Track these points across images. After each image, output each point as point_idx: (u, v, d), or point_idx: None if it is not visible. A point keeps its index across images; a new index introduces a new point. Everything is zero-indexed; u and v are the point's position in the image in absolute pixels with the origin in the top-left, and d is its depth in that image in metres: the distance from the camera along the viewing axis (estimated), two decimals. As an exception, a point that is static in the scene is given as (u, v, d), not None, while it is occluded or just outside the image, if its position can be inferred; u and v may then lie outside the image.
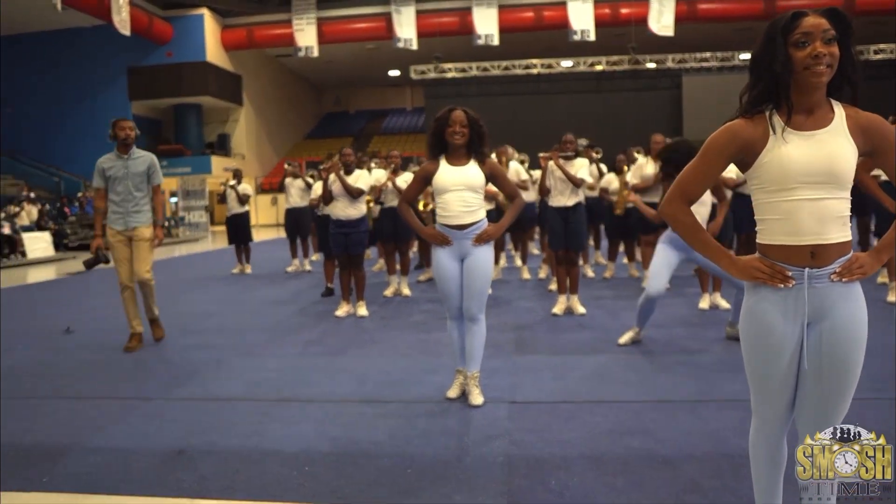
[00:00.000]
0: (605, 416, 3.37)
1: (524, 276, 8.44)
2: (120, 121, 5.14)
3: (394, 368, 4.43)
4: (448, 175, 3.58)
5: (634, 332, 4.84)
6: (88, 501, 2.65)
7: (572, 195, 5.94)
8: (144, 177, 5.19)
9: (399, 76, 32.75)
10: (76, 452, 3.08)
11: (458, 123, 3.53)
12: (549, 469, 2.78)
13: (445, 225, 3.60)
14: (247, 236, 10.42)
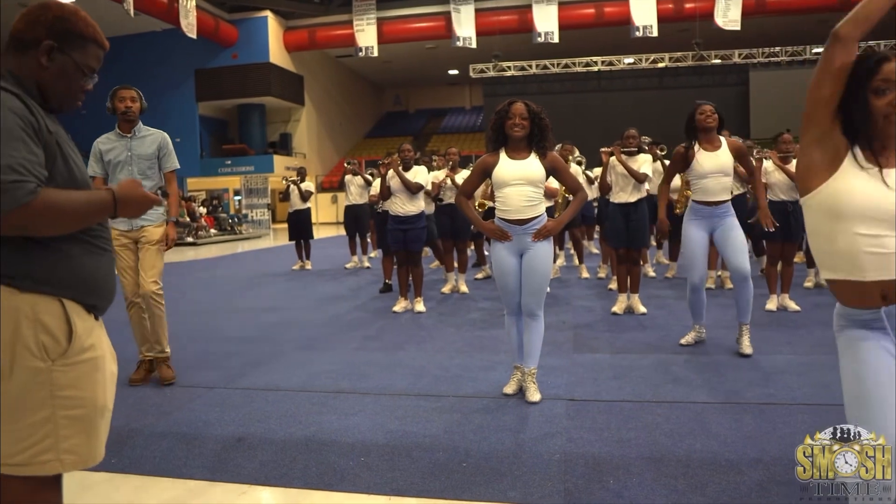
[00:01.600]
0: (665, 417, 3.28)
1: (583, 276, 8.32)
2: (120, 89, 4.06)
3: (450, 364, 4.41)
4: (508, 169, 3.53)
5: (696, 331, 4.69)
6: (153, 483, 2.73)
7: (634, 191, 5.82)
8: (154, 161, 4.14)
9: (458, 75, 32.83)
10: (143, 436, 3.18)
11: (518, 116, 3.48)
12: (607, 468, 2.71)
13: (505, 220, 3.56)
14: (308, 233, 10.60)
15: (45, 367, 1.53)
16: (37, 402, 1.53)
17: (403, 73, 33.96)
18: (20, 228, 1.44)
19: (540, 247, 3.54)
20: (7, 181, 1.38)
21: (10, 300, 1.51)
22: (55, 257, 1.56)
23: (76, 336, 1.56)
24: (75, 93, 1.68)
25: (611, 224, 6.02)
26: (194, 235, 19.07)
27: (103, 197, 1.60)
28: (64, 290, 1.57)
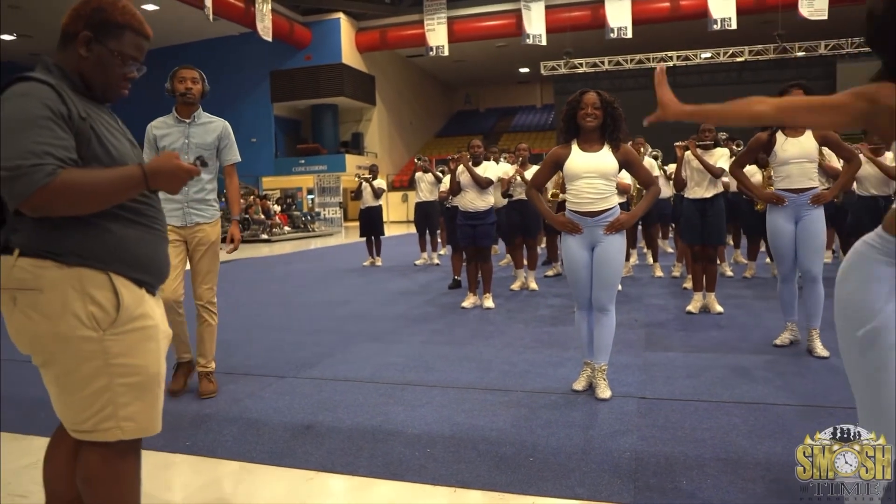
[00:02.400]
0: (743, 418, 3.14)
1: (656, 274, 8.10)
2: (181, 69, 3.72)
3: (518, 360, 4.36)
4: (580, 161, 3.46)
5: (789, 329, 4.46)
6: (224, 466, 2.80)
7: (711, 186, 5.61)
8: (213, 151, 3.73)
9: (528, 73, 32.61)
10: (216, 421, 3.27)
11: (590, 106, 3.40)
12: (680, 468, 2.62)
13: (576, 212, 3.49)
14: (379, 229, 10.72)
15: (97, 337, 1.60)
16: (93, 371, 1.61)
17: (474, 72, 33.97)
18: (45, 209, 1.51)
19: (612, 240, 3.45)
20: (26, 165, 1.46)
21: (57, 274, 1.58)
22: (96, 232, 1.62)
23: (123, 306, 1.63)
24: (117, 80, 1.73)
25: (686, 220, 5.83)
26: (269, 233, 19.60)
27: (131, 171, 1.63)
28: (109, 264, 1.63)
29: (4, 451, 3.08)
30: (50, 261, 1.58)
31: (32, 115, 1.50)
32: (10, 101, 1.52)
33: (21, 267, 1.59)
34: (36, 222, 1.58)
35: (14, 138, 1.48)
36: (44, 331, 1.60)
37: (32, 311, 1.59)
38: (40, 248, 1.59)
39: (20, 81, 1.56)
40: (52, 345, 1.60)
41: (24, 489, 2.69)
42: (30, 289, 1.59)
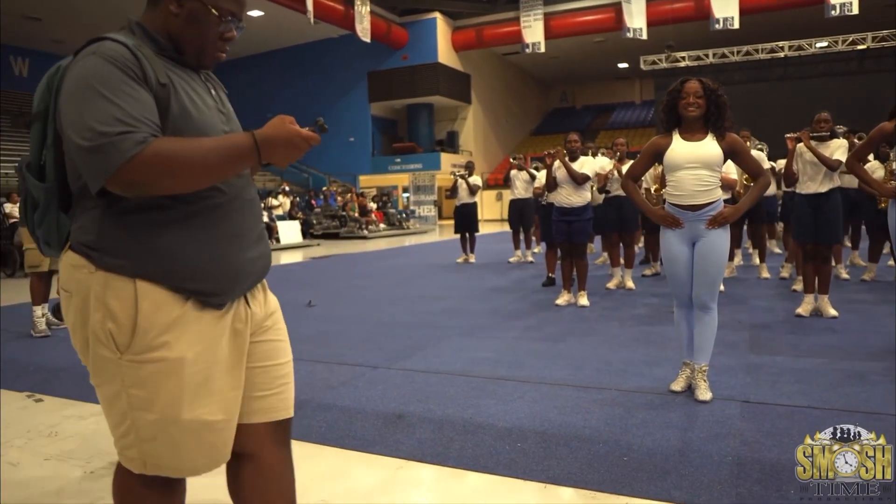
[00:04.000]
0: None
1: (763, 275, 7.68)
2: None
3: (613, 358, 4.25)
4: (681, 151, 3.32)
5: None
6: (317, 451, 2.88)
7: (826, 180, 5.24)
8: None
9: (627, 68, 31.80)
10: (311, 407, 3.36)
11: (692, 94, 3.25)
12: (786, 477, 2.45)
13: (676, 205, 3.35)
14: (474, 226, 10.75)
15: (113, 358, 1.35)
16: (114, 394, 1.38)
17: (570, 69, 33.48)
18: (136, 186, 1.25)
19: (715, 235, 3.29)
20: (112, 133, 1.21)
21: (85, 277, 1.35)
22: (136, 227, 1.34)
23: (139, 329, 1.32)
24: (212, 41, 1.46)
25: (797, 217, 5.47)
26: (365, 229, 20.08)
27: (240, 140, 1.34)
28: (141, 270, 1.33)
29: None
30: (85, 258, 1.34)
31: (109, 76, 1.26)
32: (82, 64, 1.29)
33: (64, 263, 1.40)
34: (84, 209, 1.36)
35: (92, 104, 1.23)
36: (79, 339, 1.40)
37: (67, 313, 1.41)
38: (80, 243, 1.36)
39: (93, 43, 1.33)
40: (84, 355, 1.41)
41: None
42: (65, 290, 1.39)
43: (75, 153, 1.26)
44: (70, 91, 1.27)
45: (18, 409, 3.67)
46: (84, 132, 1.22)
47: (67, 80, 1.29)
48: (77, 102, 1.25)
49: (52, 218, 1.43)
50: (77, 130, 1.23)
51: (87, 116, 1.22)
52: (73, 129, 1.24)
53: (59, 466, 2.82)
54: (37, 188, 1.41)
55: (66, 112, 1.27)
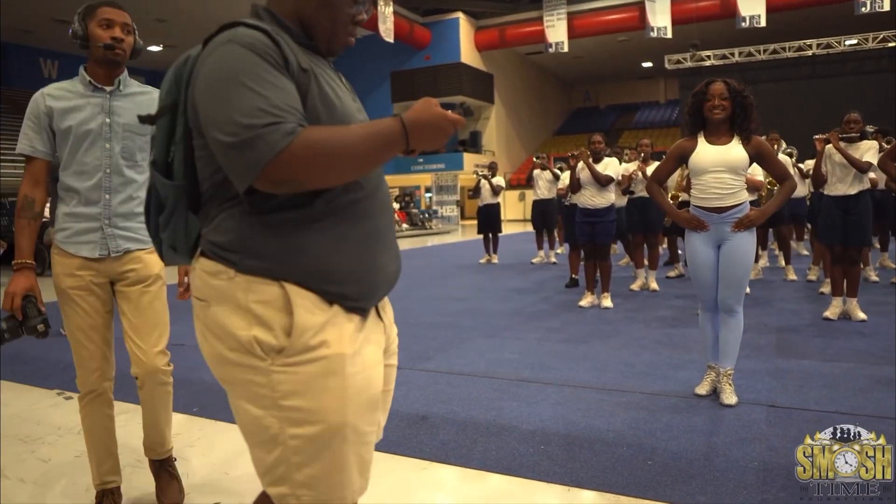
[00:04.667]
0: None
1: (789, 277, 7.58)
2: (103, 5, 2.29)
3: (637, 361, 4.22)
4: (707, 154, 3.29)
5: None
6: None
7: (855, 182, 5.16)
8: (148, 137, 2.34)
9: (652, 67, 31.55)
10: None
11: (717, 96, 3.23)
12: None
13: (701, 208, 3.33)
14: (496, 226, 10.75)
15: (263, 367, 1.19)
16: (262, 413, 1.21)
17: (594, 68, 33.29)
18: (287, 181, 1.14)
19: (740, 237, 3.26)
20: (259, 125, 1.10)
21: (225, 283, 1.22)
22: (281, 226, 1.22)
23: (297, 328, 1.19)
24: (344, 25, 1.35)
25: (825, 219, 5.40)
26: (388, 229, 20.17)
27: (389, 125, 1.20)
28: (288, 272, 1.21)
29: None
30: (222, 264, 1.22)
31: (250, 64, 1.15)
32: (219, 53, 1.18)
33: (197, 270, 1.28)
34: (219, 210, 1.25)
35: (234, 96, 1.13)
36: (214, 352, 1.25)
37: (203, 326, 1.27)
38: (216, 247, 1.24)
39: (226, 29, 1.22)
40: (221, 371, 1.26)
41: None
42: (200, 298, 1.26)
43: (219, 150, 1.15)
44: (208, 83, 1.17)
45: (49, 406, 3.75)
46: (228, 126, 1.11)
47: (204, 72, 1.18)
48: (217, 95, 1.15)
49: (181, 219, 1.33)
50: (219, 125, 1.13)
51: (230, 109, 1.12)
52: (214, 125, 1.14)
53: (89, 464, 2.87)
54: (165, 187, 1.31)
55: (205, 106, 1.16)
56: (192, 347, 5.13)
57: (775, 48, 21.91)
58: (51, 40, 21.71)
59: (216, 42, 1.20)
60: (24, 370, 4.46)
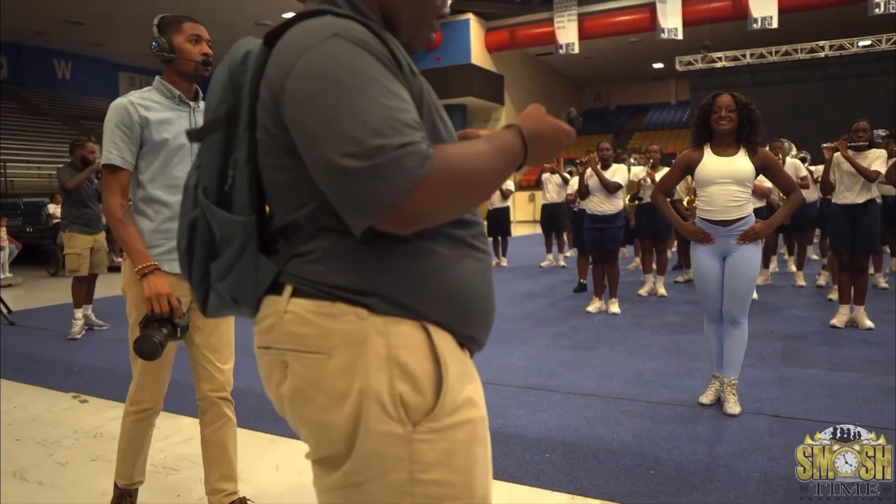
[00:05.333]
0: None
1: (798, 283, 7.58)
2: (188, 20, 2.30)
3: (643, 368, 4.27)
4: (713, 166, 3.33)
5: None
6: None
7: (863, 191, 5.18)
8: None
9: (663, 69, 31.46)
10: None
11: (724, 108, 3.27)
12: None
13: (707, 220, 3.37)
14: (506, 230, 10.79)
15: (403, 434, 0.96)
16: (392, 489, 0.97)
17: (604, 69, 33.24)
18: (419, 219, 0.91)
19: (745, 250, 3.30)
20: (393, 146, 0.85)
21: (355, 328, 0.96)
22: (416, 259, 1.00)
23: (447, 384, 0.98)
24: (430, 19, 1.15)
25: (834, 227, 5.42)
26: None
27: (509, 140, 1.02)
28: (431, 311, 1.00)
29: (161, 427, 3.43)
30: (343, 304, 0.97)
31: (367, 67, 0.91)
32: (322, 48, 0.92)
33: (297, 314, 0.99)
34: (316, 240, 1.00)
35: (352, 105, 0.88)
36: (327, 419, 0.97)
37: (311, 387, 0.98)
38: (328, 284, 0.98)
39: (311, 17, 0.99)
40: (336, 441, 0.97)
41: (176, 463, 2.98)
42: (310, 351, 0.97)
43: (330, 176, 0.89)
44: (312, 89, 0.90)
45: (65, 409, 3.84)
46: (348, 146, 0.86)
47: (303, 75, 0.92)
48: (329, 105, 0.88)
49: (250, 264, 1.03)
50: (334, 145, 0.87)
51: (350, 125, 0.87)
52: (326, 144, 0.88)
53: (106, 467, 2.95)
54: (229, 224, 1.03)
55: (309, 119, 0.90)
56: (204, 351, 5.19)
57: (787, 49, 21.80)
58: (64, 41, 21.92)
59: (311, 35, 0.94)
60: (39, 373, 4.55)
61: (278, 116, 0.96)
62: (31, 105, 20.81)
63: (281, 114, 0.96)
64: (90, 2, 17.94)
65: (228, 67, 1.06)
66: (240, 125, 1.03)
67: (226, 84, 1.05)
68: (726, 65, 22.59)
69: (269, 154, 1.00)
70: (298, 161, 0.96)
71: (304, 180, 0.97)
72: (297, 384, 0.99)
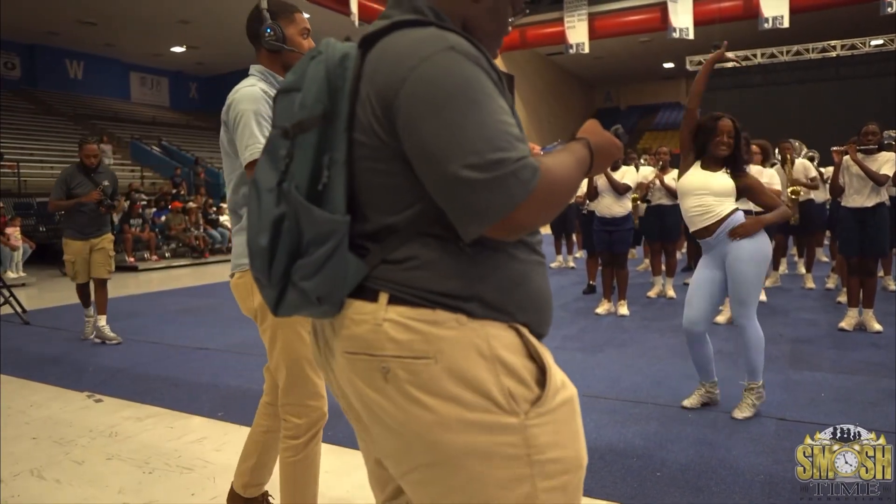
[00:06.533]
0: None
1: (808, 285, 7.57)
2: (297, 11, 2.18)
3: (651, 370, 4.29)
4: (694, 178, 3.45)
5: None
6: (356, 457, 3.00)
7: (873, 194, 5.19)
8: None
9: (673, 68, 31.37)
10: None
11: (725, 134, 3.38)
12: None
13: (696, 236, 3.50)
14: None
15: (517, 423, 1.03)
16: (512, 477, 1.03)
17: (615, 69, 33.18)
18: (522, 228, 1.00)
19: (744, 255, 3.33)
20: (513, 159, 0.93)
21: (457, 333, 1.02)
22: (506, 266, 1.08)
23: (549, 375, 1.08)
24: (502, 35, 1.21)
25: (843, 230, 5.43)
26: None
27: (583, 152, 1.11)
28: (519, 313, 1.08)
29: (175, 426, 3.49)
30: (443, 310, 1.02)
31: (480, 81, 0.98)
32: (439, 60, 0.97)
33: (398, 322, 1.02)
34: (412, 246, 1.04)
35: (473, 118, 0.94)
36: (439, 420, 1.02)
37: (420, 391, 1.01)
38: (429, 291, 1.03)
39: (412, 27, 1.03)
40: (449, 442, 1.02)
41: (190, 462, 3.04)
42: (417, 356, 1.01)
43: (450, 186, 0.95)
44: (434, 100, 0.95)
45: (80, 408, 3.90)
46: (472, 158, 0.92)
47: (421, 87, 0.96)
48: (451, 117, 0.94)
49: (340, 263, 1.03)
50: (458, 156, 0.93)
51: (474, 137, 0.93)
52: (447, 155, 0.94)
53: (121, 466, 3.01)
54: (328, 223, 1.03)
55: (428, 129, 0.95)
56: (214, 351, 5.29)
57: (798, 49, 21.71)
58: (76, 42, 22.08)
59: (424, 45, 0.99)
60: (55, 372, 4.63)
61: (389, 123, 1.00)
62: (43, 105, 21.00)
63: (392, 120, 0.99)
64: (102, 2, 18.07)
65: (326, 67, 1.05)
66: (337, 125, 1.03)
67: (323, 84, 1.04)
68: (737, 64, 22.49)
69: (374, 158, 1.03)
70: (406, 167, 1.00)
71: (407, 185, 1.02)
72: (403, 389, 1.02)
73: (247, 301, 2.07)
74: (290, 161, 1.05)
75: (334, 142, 1.03)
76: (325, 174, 1.04)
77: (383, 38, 1.03)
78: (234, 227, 2.11)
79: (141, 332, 5.82)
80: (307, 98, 1.04)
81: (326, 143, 1.04)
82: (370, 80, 1.01)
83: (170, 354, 4.97)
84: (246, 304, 2.09)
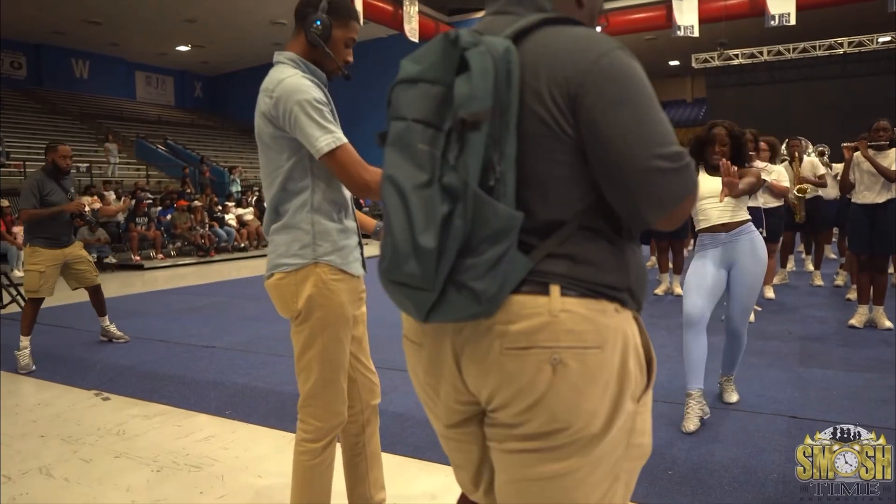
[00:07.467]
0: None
1: (816, 283, 7.53)
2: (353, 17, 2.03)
3: (660, 369, 4.19)
4: (705, 183, 3.47)
5: None
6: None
7: (883, 191, 5.15)
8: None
9: (679, 66, 31.29)
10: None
11: (717, 143, 3.41)
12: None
13: (708, 231, 3.47)
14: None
15: (633, 410, 1.10)
16: (616, 459, 1.11)
17: (620, 67, 33.13)
18: (679, 219, 1.06)
19: (750, 262, 3.37)
20: (686, 152, 1.02)
21: (615, 322, 1.07)
22: (637, 257, 1.15)
23: (654, 364, 1.15)
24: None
25: (853, 227, 5.39)
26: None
27: None
28: (643, 303, 1.15)
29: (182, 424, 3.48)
30: (606, 301, 1.06)
31: (647, 79, 1.07)
32: (622, 59, 1.04)
33: (574, 313, 1.04)
34: (575, 240, 1.06)
35: (657, 114, 1.02)
36: (595, 407, 1.05)
37: (586, 381, 1.04)
38: (597, 283, 1.06)
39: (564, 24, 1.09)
40: (596, 426, 1.06)
41: (198, 461, 3.03)
42: (589, 346, 1.04)
43: (638, 174, 0.99)
44: (628, 94, 1.01)
45: (88, 406, 3.90)
46: (658, 148, 0.99)
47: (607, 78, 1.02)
48: (644, 111, 1.01)
49: (512, 260, 1.01)
50: (647, 146, 0.99)
51: (663, 131, 1.01)
52: (637, 144, 0.99)
53: (129, 464, 3.01)
54: (510, 219, 1.00)
55: (617, 120, 1.00)
56: (221, 350, 5.28)
57: (805, 47, 21.59)
58: (82, 41, 22.15)
59: (597, 42, 1.05)
60: (63, 370, 4.63)
61: (571, 115, 1.02)
62: (49, 104, 21.05)
63: (575, 111, 1.02)
64: (108, 2, 18.11)
65: (494, 60, 1.01)
66: (507, 119, 1.01)
67: (492, 76, 1.00)
68: (743, 62, 22.41)
69: (552, 150, 1.04)
70: (581, 158, 1.04)
71: (579, 177, 1.05)
72: (573, 380, 1.04)
73: (290, 302, 1.97)
74: (457, 155, 0.99)
75: (504, 135, 1.01)
76: (497, 169, 1.00)
77: (533, 32, 1.06)
78: (272, 224, 1.98)
79: (147, 331, 5.82)
80: (477, 90, 0.99)
81: (496, 136, 1.00)
82: (544, 72, 1.03)
83: (176, 353, 4.96)
84: (288, 305, 1.98)
